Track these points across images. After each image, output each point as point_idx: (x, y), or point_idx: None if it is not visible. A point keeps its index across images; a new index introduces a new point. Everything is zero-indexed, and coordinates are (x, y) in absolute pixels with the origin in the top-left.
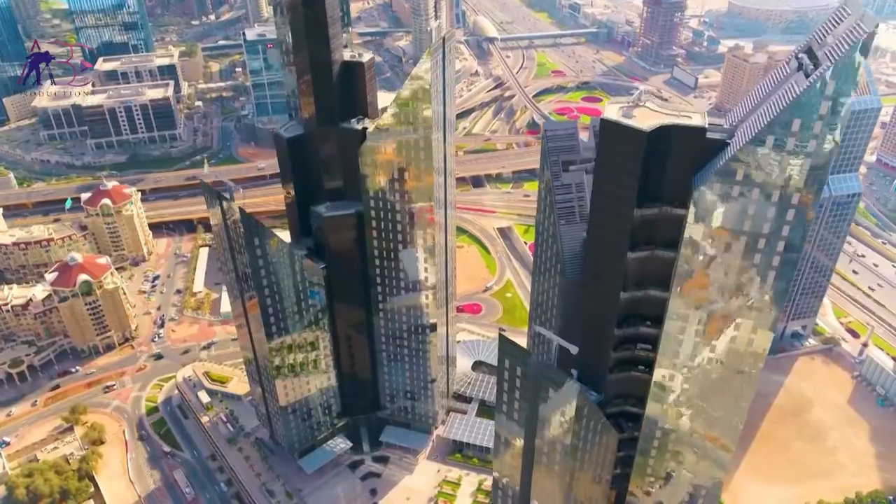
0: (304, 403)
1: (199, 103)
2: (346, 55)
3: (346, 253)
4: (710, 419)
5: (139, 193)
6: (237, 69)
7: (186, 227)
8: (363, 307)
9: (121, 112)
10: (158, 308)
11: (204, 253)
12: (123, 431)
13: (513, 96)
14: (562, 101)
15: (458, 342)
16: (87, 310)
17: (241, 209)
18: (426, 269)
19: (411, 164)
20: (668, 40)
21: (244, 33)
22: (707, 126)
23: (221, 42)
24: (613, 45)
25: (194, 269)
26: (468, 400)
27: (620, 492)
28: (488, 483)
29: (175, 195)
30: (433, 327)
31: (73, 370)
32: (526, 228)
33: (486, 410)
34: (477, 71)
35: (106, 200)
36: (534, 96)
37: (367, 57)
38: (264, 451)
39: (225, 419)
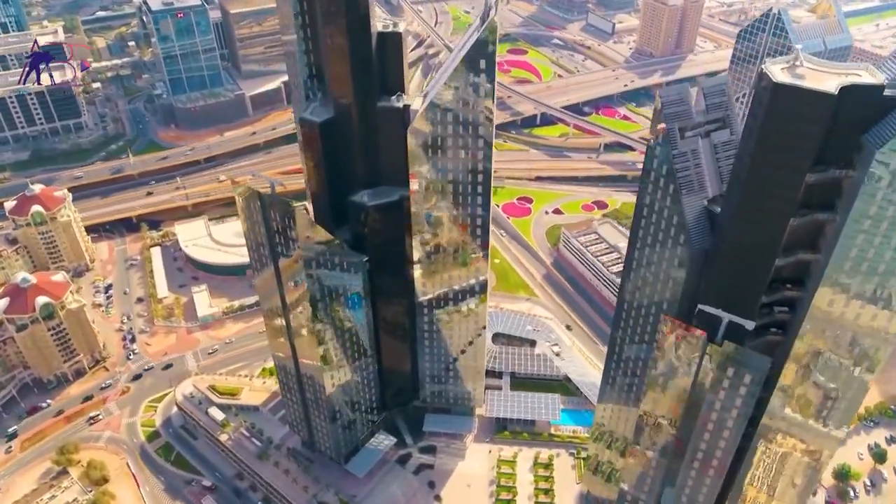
0: (349, 402)
1: (96, 85)
2: (380, 26)
3: (390, 241)
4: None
5: (70, 195)
6: (130, 43)
7: (126, 226)
8: (404, 295)
9: (13, 102)
10: (123, 321)
11: (157, 254)
12: (127, 464)
13: (437, 53)
14: None
15: None
16: (51, 335)
17: (287, 202)
18: (474, 248)
19: (466, 139)
20: None
21: (145, 2)
22: (885, 83)
23: (101, 13)
24: None
25: (151, 272)
26: (499, 375)
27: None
28: (544, 456)
29: (101, 192)
30: (476, 307)
31: (44, 405)
32: (495, 190)
33: (518, 383)
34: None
35: (37, 207)
36: None
37: (401, 26)
38: (301, 461)
39: (248, 434)
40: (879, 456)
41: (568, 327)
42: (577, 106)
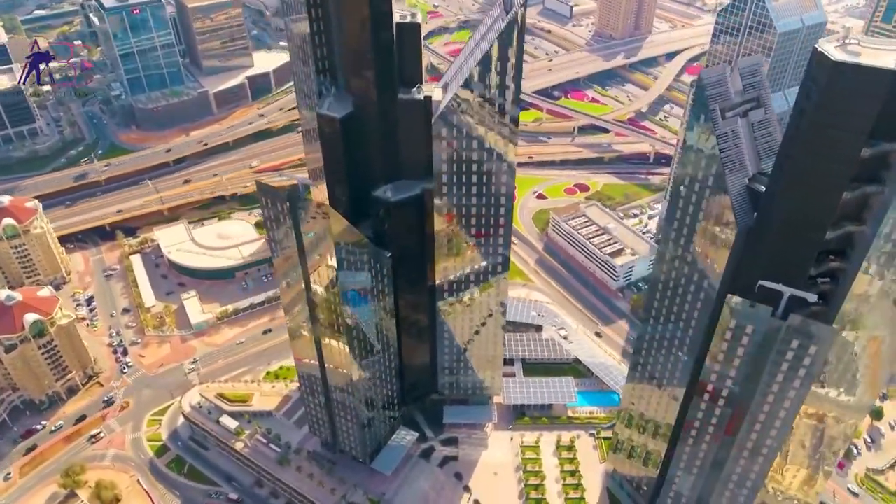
0: (374, 399)
1: (46, 88)
2: (397, 16)
3: (412, 235)
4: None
5: (40, 205)
6: (76, 42)
7: (99, 235)
8: (424, 288)
9: None
10: (111, 334)
11: (137, 261)
12: (138, 481)
13: None
14: (450, 43)
15: None
16: (42, 354)
17: (319, 204)
18: (496, 234)
19: (493, 130)
20: None
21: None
22: None
23: (39, 12)
24: None
25: (134, 281)
26: (510, 362)
27: None
28: (565, 439)
29: (66, 200)
30: (496, 295)
31: (38, 427)
32: None
33: (529, 369)
34: None
35: (8, 220)
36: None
37: (419, 17)
38: (324, 463)
39: (265, 440)
40: (876, 413)
41: (598, 334)
42: (546, 90)
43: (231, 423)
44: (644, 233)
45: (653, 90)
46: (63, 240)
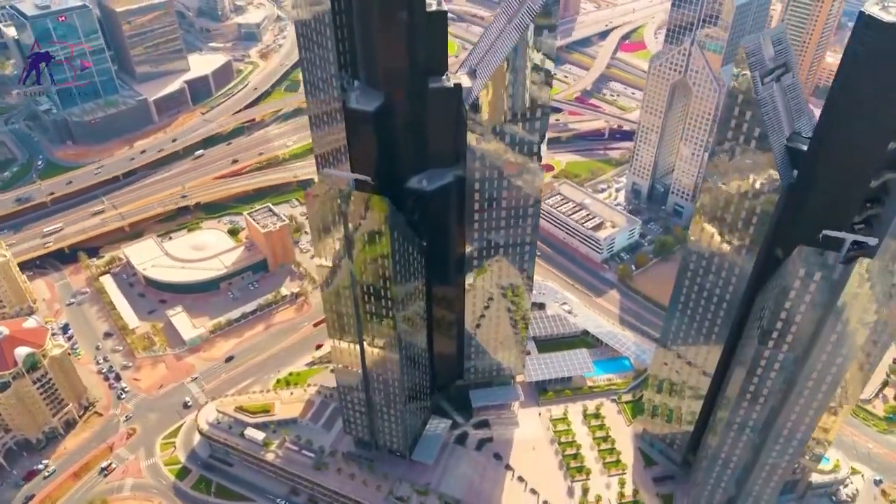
0: (413, 390)
1: None
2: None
3: (446, 223)
4: None
5: None
6: None
7: (58, 258)
8: (455, 275)
9: None
10: (98, 361)
11: (109, 282)
12: None
13: None
14: None
15: None
16: (37, 389)
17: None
18: (528, 216)
19: (525, 114)
20: None
21: (14, 7)
22: None
23: None
24: None
25: (110, 303)
26: None
27: None
28: (591, 407)
29: (12, 225)
30: (524, 274)
31: (41, 466)
32: None
33: (541, 346)
34: (278, 16)
35: None
36: None
37: (444, 5)
38: (363, 462)
39: (297, 447)
40: None
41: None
42: None
43: (258, 435)
44: (616, 205)
45: (594, 69)
46: (21, 267)
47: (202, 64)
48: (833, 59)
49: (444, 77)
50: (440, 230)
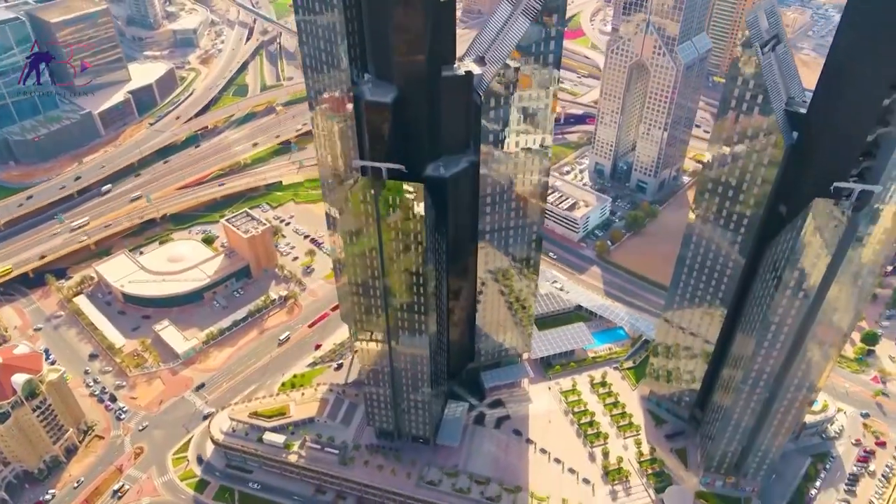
0: (436, 375)
1: None
2: None
3: (463, 207)
4: None
5: None
6: None
7: (24, 284)
8: (471, 260)
9: None
10: (88, 384)
11: (85, 303)
12: None
13: (273, 40)
14: None
15: None
16: (37, 416)
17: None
18: (537, 199)
19: (538, 98)
20: None
21: None
22: None
23: None
24: None
25: (90, 324)
26: None
27: None
28: (597, 377)
29: None
30: (532, 255)
31: (48, 497)
32: None
33: (539, 323)
34: (212, 20)
35: None
36: None
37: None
38: (388, 452)
39: (319, 446)
40: None
41: None
42: None
43: (278, 438)
44: (583, 186)
45: None
46: None
47: (143, 73)
48: None
49: (455, 65)
50: (456, 215)
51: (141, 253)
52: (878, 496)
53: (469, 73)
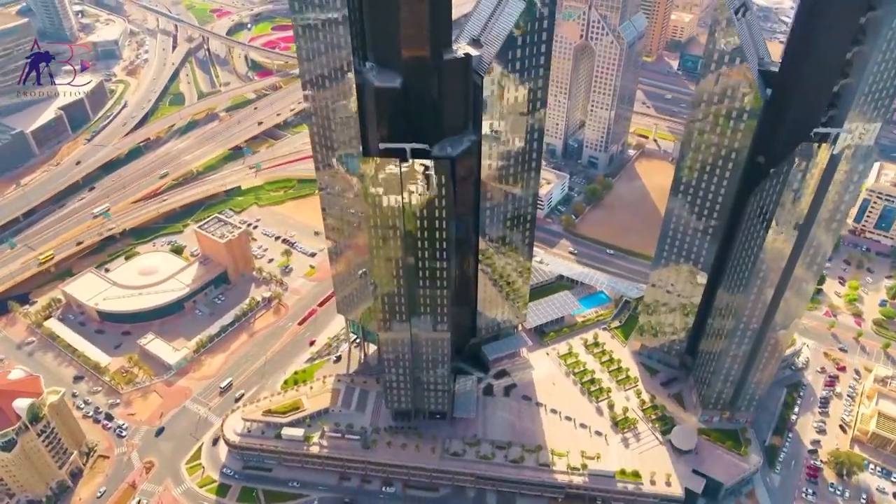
0: (451, 352)
1: None
2: None
3: (469, 184)
4: None
5: None
6: None
7: None
8: (472, 236)
9: None
10: (79, 406)
11: (58, 326)
12: None
13: (200, 46)
14: (255, 38)
15: None
16: (42, 441)
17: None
18: (532, 170)
19: (534, 79)
20: None
21: None
22: None
23: None
24: None
25: (68, 346)
26: None
27: None
28: (590, 339)
29: None
30: (527, 229)
31: None
32: None
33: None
34: (131, 30)
35: None
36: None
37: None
38: (408, 431)
39: (339, 434)
40: None
41: None
42: None
43: (297, 432)
44: None
45: None
46: None
47: (72, 88)
48: (675, 16)
49: (454, 48)
50: (463, 192)
51: (107, 270)
52: (847, 413)
53: (468, 55)
